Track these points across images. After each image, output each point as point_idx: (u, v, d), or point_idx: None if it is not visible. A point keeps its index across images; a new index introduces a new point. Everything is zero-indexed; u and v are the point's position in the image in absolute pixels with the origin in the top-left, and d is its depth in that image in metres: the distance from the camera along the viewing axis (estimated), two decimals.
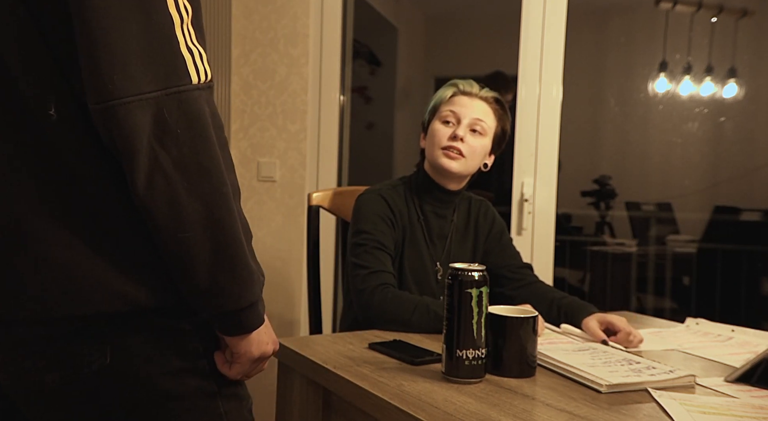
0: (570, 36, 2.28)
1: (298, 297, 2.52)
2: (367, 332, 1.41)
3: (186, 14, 0.77)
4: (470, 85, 1.62)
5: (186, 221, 0.77)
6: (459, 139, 1.56)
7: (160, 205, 0.76)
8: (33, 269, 0.78)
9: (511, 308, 1.19)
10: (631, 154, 5.23)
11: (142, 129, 0.74)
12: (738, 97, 4.90)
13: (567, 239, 4.10)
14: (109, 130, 0.74)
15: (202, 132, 0.77)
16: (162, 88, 0.74)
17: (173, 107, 0.75)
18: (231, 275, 0.81)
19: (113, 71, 0.72)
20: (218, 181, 0.79)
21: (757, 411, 1.00)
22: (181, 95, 0.75)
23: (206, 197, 0.78)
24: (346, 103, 2.83)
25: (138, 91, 0.73)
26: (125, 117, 0.73)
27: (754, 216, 4.52)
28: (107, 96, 0.72)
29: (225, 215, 0.79)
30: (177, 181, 0.76)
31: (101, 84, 0.72)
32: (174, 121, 0.75)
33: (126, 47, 0.73)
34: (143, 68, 0.73)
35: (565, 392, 1.06)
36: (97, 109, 0.74)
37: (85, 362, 0.81)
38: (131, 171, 0.75)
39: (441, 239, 1.65)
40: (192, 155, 0.76)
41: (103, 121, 0.74)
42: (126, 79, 0.72)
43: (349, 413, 1.14)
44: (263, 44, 2.52)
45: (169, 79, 0.75)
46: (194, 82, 0.77)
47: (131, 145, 0.74)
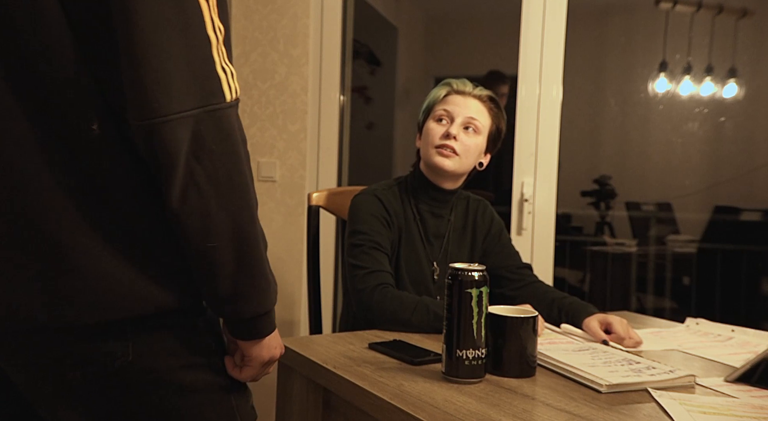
0: (570, 36, 2.28)
1: (298, 297, 2.52)
2: (367, 332, 1.41)
3: (220, 34, 0.81)
4: (464, 84, 1.62)
5: (214, 232, 0.82)
6: (452, 137, 1.56)
7: (192, 216, 0.81)
8: (69, 278, 0.81)
9: (511, 308, 1.19)
10: (631, 154, 5.23)
11: (182, 145, 0.78)
12: (738, 97, 4.90)
13: (567, 238, 4.10)
14: (152, 146, 0.78)
15: (234, 148, 0.82)
16: (201, 106, 0.78)
17: (210, 124, 0.79)
18: (251, 284, 0.86)
19: (158, 90, 0.76)
20: (245, 195, 0.83)
21: (757, 411, 1.00)
22: (216, 113, 0.79)
23: (234, 210, 0.82)
24: (346, 103, 2.83)
25: (180, 109, 0.77)
26: (168, 133, 0.77)
27: (754, 216, 4.53)
28: (152, 113, 0.76)
29: (249, 227, 0.84)
30: (209, 195, 0.80)
31: (146, 102, 0.76)
32: (210, 138, 0.79)
33: (170, 68, 0.76)
34: (185, 87, 0.77)
35: (565, 392, 1.06)
36: (141, 125, 0.77)
37: (109, 360, 0.84)
38: (168, 184, 0.79)
39: (438, 239, 1.65)
40: (223, 170, 0.81)
41: (146, 137, 0.77)
42: (170, 97, 0.76)
43: (349, 413, 1.14)
44: (263, 44, 2.53)
45: (207, 97, 0.79)
46: (227, 100, 0.81)
47: (171, 160, 0.78)
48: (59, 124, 0.80)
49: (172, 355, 0.88)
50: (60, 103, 0.80)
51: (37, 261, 0.80)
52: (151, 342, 0.86)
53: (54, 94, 0.79)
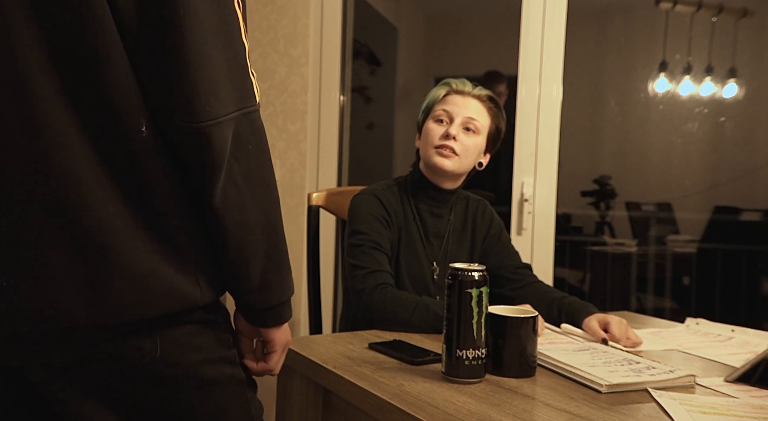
0: (570, 36, 2.28)
1: (298, 297, 2.52)
2: (367, 332, 1.41)
3: (248, 41, 0.86)
4: (463, 84, 1.62)
5: (251, 227, 0.88)
6: (451, 137, 1.56)
7: (232, 213, 0.86)
8: (112, 278, 0.82)
9: (511, 308, 1.19)
10: (631, 154, 5.23)
11: (226, 145, 0.82)
12: (738, 97, 4.90)
13: (567, 238, 4.10)
14: (198, 148, 0.81)
15: (265, 148, 0.88)
16: (240, 109, 0.84)
17: (246, 126, 0.85)
18: (278, 273, 0.93)
19: (208, 93, 0.80)
20: (274, 192, 0.90)
21: (757, 411, 1.00)
22: (251, 114, 0.86)
23: (265, 205, 0.89)
24: (346, 103, 2.83)
25: (226, 112, 0.82)
26: (218, 136, 0.81)
27: (754, 216, 4.53)
28: (203, 116, 0.80)
29: (277, 221, 0.91)
30: (245, 191, 0.86)
31: (197, 105, 0.80)
32: (246, 138, 0.85)
33: (218, 74, 0.81)
34: (229, 91, 0.82)
35: (565, 392, 1.06)
36: (190, 128, 0.80)
37: (138, 356, 0.86)
38: (212, 183, 0.84)
39: (437, 239, 1.65)
40: (257, 168, 0.87)
41: (194, 139, 0.81)
42: (218, 101, 0.81)
43: (349, 413, 1.14)
44: (263, 44, 2.53)
45: (244, 100, 0.84)
46: (257, 103, 0.87)
47: (218, 160, 0.82)
48: (112, 128, 0.82)
49: (196, 349, 0.90)
50: (113, 107, 0.81)
51: (80, 262, 0.81)
52: (177, 337, 0.89)
53: (107, 99, 0.81)
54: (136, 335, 0.85)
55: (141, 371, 0.86)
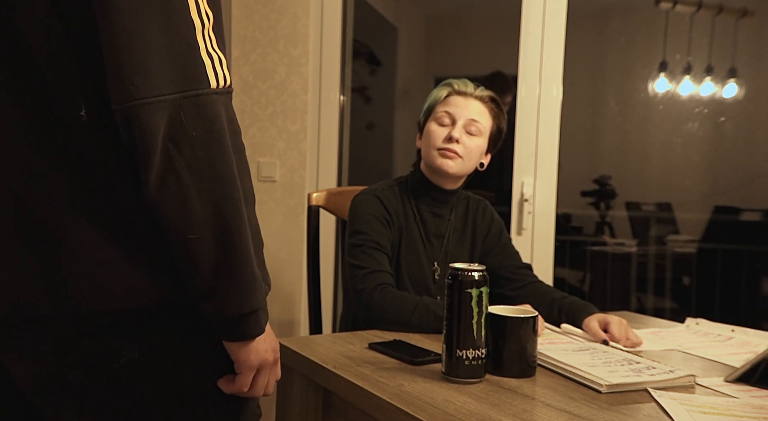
0: (570, 36, 2.28)
1: (298, 297, 2.52)
2: (367, 332, 1.41)
3: (207, 20, 0.79)
4: (465, 85, 1.62)
5: (194, 223, 0.79)
6: (454, 140, 1.56)
7: (170, 205, 0.78)
8: (68, 264, 0.80)
9: (511, 308, 1.19)
10: (631, 154, 5.23)
11: (159, 129, 0.75)
12: (738, 97, 4.90)
13: (567, 238, 4.10)
14: (130, 130, 0.76)
15: (218, 136, 0.78)
16: (180, 91, 0.76)
17: (190, 110, 0.76)
18: (233, 281, 0.82)
19: (135, 73, 0.74)
20: (230, 187, 0.80)
21: (757, 411, 1.00)
22: (198, 99, 0.77)
23: (217, 201, 0.79)
24: (346, 103, 2.83)
25: (158, 93, 0.75)
26: (144, 117, 0.75)
27: (754, 216, 4.52)
28: (128, 97, 0.75)
29: (233, 221, 0.80)
30: (189, 183, 0.77)
31: (123, 85, 0.75)
32: (190, 124, 0.76)
33: (147, 50, 0.75)
34: (163, 71, 0.75)
35: (565, 392, 1.06)
36: (118, 109, 0.76)
37: (115, 357, 0.83)
38: (146, 170, 0.77)
39: (438, 239, 1.65)
40: (206, 159, 0.78)
41: (124, 121, 0.76)
42: (146, 80, 0.74)
43: (349, 413, 1.14)
44: (263, 44, 2.53)
45: (188, 82, 0.77)
46: (212, 87, 0.78)
47: (148, 145, 0.75)
48: (47, 109, 0.79)
49: (178, 355, 0.86)
50: (47, 88, 0.79)
51: (36, 248, 0.80)
52: (156, 342, 0.85)
53: (41, 79, 0.79)
54: (110, 334, 0.82)
55: (116, 373, 0.83)
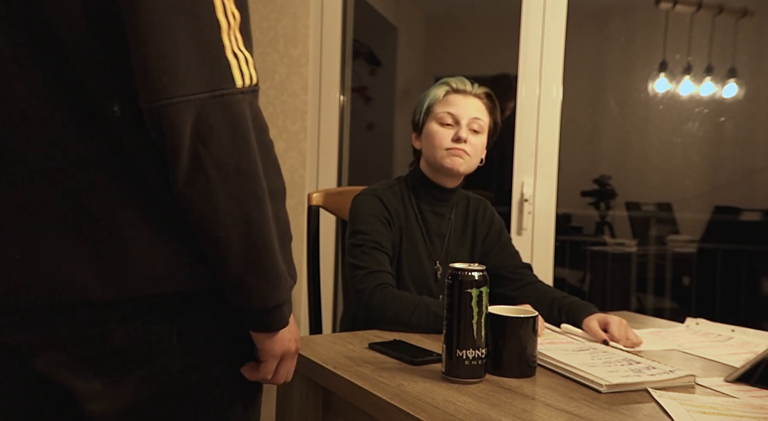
0: (570, 36, 2.28)
1: (298, 297, 2.52)
2: (367, 332, 1.41)
3: (233, 20, 0.80)
4: (463, 83, 1.62)
5: (220, 221, 0.81)
6: (463, 140, 1.56)
7: (197, 203, 0.80)
8: (116, 252, 0.81)
9: (511, 308, 1.19)
10: (631, 154, 5.23)
11: (186, 128, 0.77)
12: (738, 97, 4.90)
13: (567, 238, 4.10)
14: (157, 129, 0.78)
15: (243, 135, 0.80)
16: (207, 91, 0.77)
17: (217, 110, 0.78)
18: (259, 277, 0.85)
19: (162, 72, 0.76)
20: (254, 185, 0.82)
21: (757, 411, 1.00)
22: (224, 98, 0.78)
23: (242, 199, 0.81)
24: (346, 103, 2.83)
25: (185, 93, 0.76)
26: (172, 117, 0.76)
27: (754, 216, 4.52)
28: (156, 96, 0.76)
29: (258, 218, 0.82)
30: (215, 182, 0.79)
31: (151, 84, 0.76)
32: (217, 124, 0.78)
33: (175, 50, 0.76)
34: (190, 71, 0.77)
35: (565, 392, 1.06)
36: (146, 108, 0.77)
37: (154, 340, 0.84)
38: (173, 168, 0.79)
39: (439, 238, 1.65)
40: (231, 157, 0.79)
41: (152, 120, 0.78)
42: (173, 80, 0.76)
43: (349, 413, 1.14)
44: (263, 44, 2.52)
45: (214, 82, 0.78)
46: (238, 86, 0.80)
47: (175, 143, 0.77)
48: (87, 104, 0.81)
49: (207, 341, 0.88)
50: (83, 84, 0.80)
51: (85, 235, 0.81)
52: (190, 326, 0.87)
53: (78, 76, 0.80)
54: (151, 318, 0.84)
55: (154, 357, 0.84)
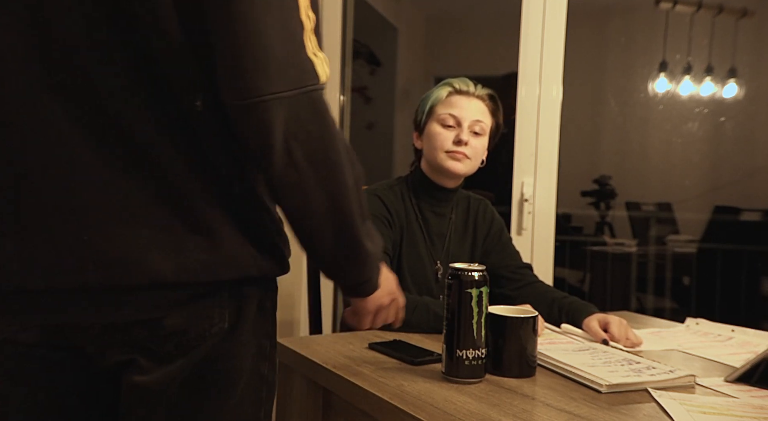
0: (570, 36, 2.28)
1: (298, 297, 2.52)
2: (367, 332, 1.41)
3: (310, 22, 0.83)
4: (466, 84, 1.62)
5: (313, 211, 0.85)
6: (464, 143, 1.56)
7: (290, 195, 0.84)
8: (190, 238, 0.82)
9: (511, 308, 1.19)
10: (631, 154, 5.23)
11: (279, 125, 0.79)
12: (738, 97, 4.90)
13: (567, 238, 4.10)
14: (248, 125, 0.80)
15: (330, 128, 0.84)
16: (296, 88, 0.80)
17: (306, 105, 0.81)
18: (349, 258, 0.92)
19: (255, 70, 0.77)
20: (342, 175, 0.86)
21: (757, 411, 1.00)
22: (312, 94, 0.81)
23: (331, 189, 0.85)
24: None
25: (276, 90, 0.78)
26: (265, 114, 0.78)
27: (754, 216, 4.53)
28: (248, 93, 0.78)
29: (347, 206, 0.87)
30: (308, 175, 0.83)
31: (243, 82, 0.78)
32: (306, 119, 0.81)
33: (267, 48, 0.78)
34: (282, 68, 0.79)
35: (565, 392, 1.06)
36: (237, 105, 0.79)
37: (207, 324, 0.86)
38: (266, 164, 0.82)
39: (440, 238, 1.65)
40: (321, 151, 0.83)
41: (242, 116, 0.80)
42: (266, 78, 0.78)
43: (349, 413, 1.14)
44: None
45: (303, 78, 0.81)
46: (322, 81, 0.83)
47: (269, 140, 0.80)
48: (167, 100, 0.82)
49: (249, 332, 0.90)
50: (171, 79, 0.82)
51: (165, 219, 0.82)
52: (244, 309, 0.88)
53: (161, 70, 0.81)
54: (208, 302, 0.85)
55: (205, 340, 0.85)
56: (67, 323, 0.85)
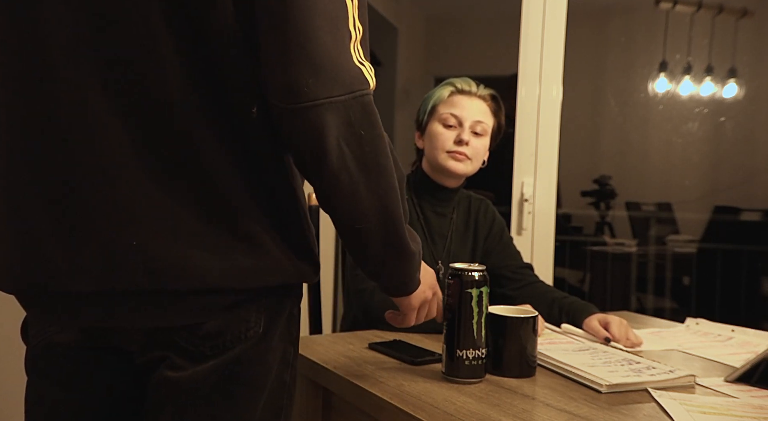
0: (570, 36, 2.28)
1: None
2: (367, 332, 1.41)
3: (358, 33, 0.84)
4: (468, 84, 1.62)
5: (363, 214, 0.86)
6: (464, 143, 1.56)
7: (341, 199, 0.85)
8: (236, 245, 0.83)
9: (511, 308, 1.19)
10: (631, 154, 5.23)
11: (332, 129, 0.80)
12: (738, 97, 4.90)
13: (567, 238, 4.10)
14: (301, 130, 0.80)
15: (380, 133, 0.85)
16: (348, 92, 0.81)
17: (358, 110, 0.82)
18: (396, 259, 0.93)
19: (309, 75, 0.78)
20: (391, 178, 0.87)
21: (757, 411, 1.00)
22: (363, 99, 0.83)
23: (381, 192, 0.86)
24: None
25: (329, 95, 0.79)
26: (317, 119, 0.79)
27: (754, 216, 4.53)
28: (302, 98, 0.78)
29: (395, 209, 0.88)
30: (359, 179, 0.83)
31: (296, 86, 0.78)
32: (358, 123, 0.82)
33: (321, 53, 0.79)
34: (334, 73, 0.80)
35: (565, 392, 1.06)
36: (291, 109, 0.79)
37: (243, 328, 0.86)
38: (318, 168, 0.82)
39: (441, 238, 1.65)
40: (372, 155, 0.84)
41: (295, 121, 0.80)
42: (319, 82, 0.79)
43: (349, 413, 1.14)
44: None
45: (354, 83, 0.82)
46: (372, 87, 0.84)
47: (322, 144, 0.80)
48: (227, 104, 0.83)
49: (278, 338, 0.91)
50: (228, 85, 0.82)
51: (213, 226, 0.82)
52: (272, 319, 0.89)
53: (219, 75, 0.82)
54: (247, 308, 0.86)
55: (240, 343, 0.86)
56: (113, 326, 0.86)
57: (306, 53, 0.78)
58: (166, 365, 0.86)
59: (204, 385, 0.86)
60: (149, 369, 0.88)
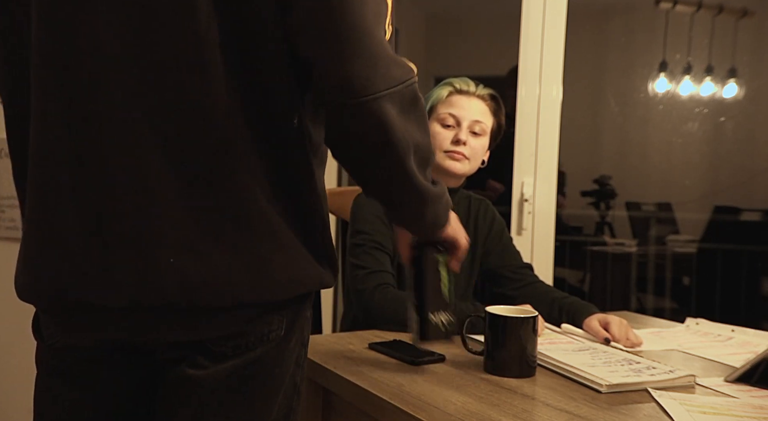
0: (570, 36, 2.28)
1: None
2: (367, 332, 1.41)
3: (389, 31, 0.89)
4: (466, 84, 1.62)
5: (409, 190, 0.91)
6: (462, 143, 1.56)
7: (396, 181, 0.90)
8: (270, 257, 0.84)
9: (511, 308, 1.19)
10: (631, 154, 5.23)
11: (394, 119, 0.84)
12: (738, 97, 4.90)
13: (567, 239, 4.09)
14: (365, 122, 0.84)
15: (425, 115, 0.93)
16: (401, 82, 0.86)
17: (409, 97, 0.87)
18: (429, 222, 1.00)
19: (368, 68, 0.82)
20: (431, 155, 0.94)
21: (757, 411, 1.00)
22: (412, 87, 0.88)
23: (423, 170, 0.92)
24: None
25: (386, 87, 0.84)
26: (379, 110, 0.83)
27: (754, 216, 4.52)
28: (362, 92, 0.82)
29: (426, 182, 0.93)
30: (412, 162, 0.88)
31: (356, 81, 0.81)
32: (411, 110, 0.88)
33: (376, 47, 0.83)
34: (387, 65, 0.84)
35: (565, 392, 1.06)
36: (351, 104, 0.82)
37: (266, 331, 0.87)
38: (381, 156, 0.87)
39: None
40: (421, 136, 0.90)
41: (358, 115, 0.83)
42: (378, 76, 0.83)
43: (349, 413, 1.14)
44: None
45: (403, 73, 0.87)
46: (415, 74, 0.89)
47: (385, 134, 0.84)
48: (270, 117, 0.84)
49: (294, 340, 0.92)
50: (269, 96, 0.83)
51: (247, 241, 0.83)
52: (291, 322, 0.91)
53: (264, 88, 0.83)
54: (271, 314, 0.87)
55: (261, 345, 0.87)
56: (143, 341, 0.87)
57: (363, 47, 0.81)
58: (188, 364, 0.86)
59: (224, 384, 0.86)
60: (167, 367, 0.88)
